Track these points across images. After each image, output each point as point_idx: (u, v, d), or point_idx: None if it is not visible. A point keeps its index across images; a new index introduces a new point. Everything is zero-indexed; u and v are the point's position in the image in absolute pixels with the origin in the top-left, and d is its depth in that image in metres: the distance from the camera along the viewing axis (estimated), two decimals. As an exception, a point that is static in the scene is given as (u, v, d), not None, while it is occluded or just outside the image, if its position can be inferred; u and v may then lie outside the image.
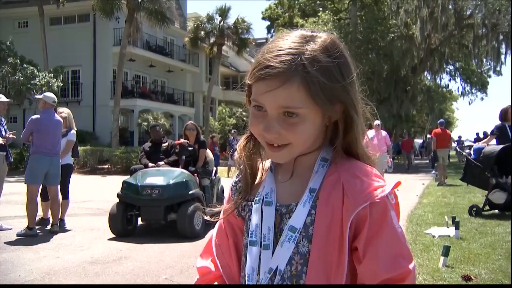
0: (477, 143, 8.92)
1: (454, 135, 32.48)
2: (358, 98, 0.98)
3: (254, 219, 1.00)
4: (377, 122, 10.53)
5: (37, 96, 6.90)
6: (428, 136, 53.58)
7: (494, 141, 8.16)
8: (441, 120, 14.80)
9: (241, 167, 1.07)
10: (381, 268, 0.88)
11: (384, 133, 10.90)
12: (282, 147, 0.93)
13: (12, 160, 7.19)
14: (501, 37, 24.42)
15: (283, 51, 0.90)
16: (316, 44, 0.92)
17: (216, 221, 1.12)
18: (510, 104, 8.03)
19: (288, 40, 0.93)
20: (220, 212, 1.11)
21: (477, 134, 26.15)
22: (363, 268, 0.90)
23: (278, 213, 0.98)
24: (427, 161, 34.25)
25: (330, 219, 0.91)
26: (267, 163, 1.07)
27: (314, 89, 0.88)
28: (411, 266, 0.89)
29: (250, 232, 1.00)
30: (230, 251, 1.07)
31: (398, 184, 0.93)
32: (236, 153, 1.07)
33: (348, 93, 0.94)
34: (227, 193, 1.15)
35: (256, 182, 1.07)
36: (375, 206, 0.89)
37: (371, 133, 9.94)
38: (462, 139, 28.66)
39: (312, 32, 0.96)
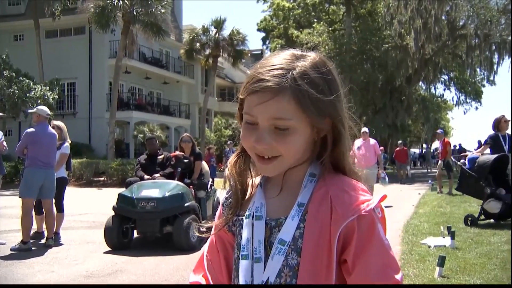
0: (471, 154, 8.94)
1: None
2: (346, 114, 1.02)
3: (245, 233, 1.03)
4: (365, 129, 9.79)
5: (30, 111, 6.90)
6: (425, 145, 53.83)
7: (488, 151, 8.21)
8: (442, 130, 14.99)
9: (231, 183, 1.10)
10: (371, 279, 0.91)
11: (373, 141, 9.91)
12: (272, 160, 0.96)
13: (5, 172, 7.17)
14: (494, 47, 24.68)
15: (275, 66, 0.95)
16: (306, 62, 0.97)
17: (208, 237, 1.15)
18: (510, 113, 8.13)
19: (280, 57, 0.97)
20: (212, 227, 1.13)
21: (460, 145, 26.30)
22: (353, 279, 0.92)
23: (268, 226, 1.00)
24: (425, 170, 34.26)
25: (319, 232, 0.94)
26: (257, 180, 1.10)
27: (304, 102, 0.92)
28: (399, 277, 0.92)
29: (242, 246, 1.02)
30: (220, 266, 1.10)
31: (383, 197, 0.96)
32: (226, 169, 1.11)
33: (335, 108, 0.97)
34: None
35: (246, 198, 1.09)
36: (362, 219, 0.92)
37: (358, 142, 9.13)
38: (456, 148, 28.74)
39: (302, 52, 1.01)
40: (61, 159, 6.86)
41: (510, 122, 8.16)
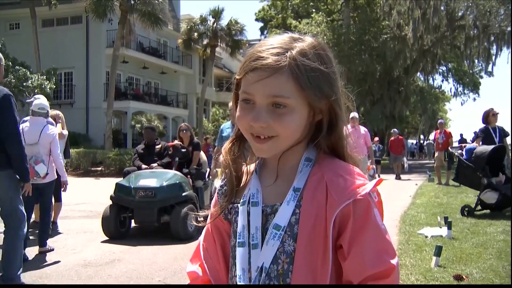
0: (469, 144, 8.98)
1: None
2: (342, 96, 1.02)
3: (241, 220, 1.02)
4: (353, 114, 7.81)
5: (28, 100, 6.85)
6: (422, 136, 53.93)
7: (481, 143, 8.25)
8: (443, 120, 14.96)
9: (226, 170, 1.09)
10: (366, 264, 0.90)
11: (363, 129, 8.60)
12: (268, 140, 0.95)
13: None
14: (492, 38, 24.61)
15: (274, 46, 0.96)
16: (304, 43, 0.98)
17: (204, 226, 1.14)
18: (510, 104, 8.20)
19: (278, 39, 0.99)
20: (208, 216, 1.12)
21: (461, 135, 26.38)
22: (349, 264, 0.91)
23: (264, 213, 1.00)
24: (424, 161, 34.27)
25: (315, 218, 0.93)
26: (251, 167, 1.09)
27: (302, 80, 0.93)
28: (394, 261, 0.91)
29: (238, 233, 1.02)
30: (217, 254, 1.09)
31: (379, 181, 0.96)
32: (221, 156, 1.09)
33: (332, 88, 0.97)
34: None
35: (241, 185, 1.08)
36: (358, 203, 0.91)
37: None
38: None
39: (299, 35, 1.01)
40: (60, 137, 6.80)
41: (498, 115, 8.22)
